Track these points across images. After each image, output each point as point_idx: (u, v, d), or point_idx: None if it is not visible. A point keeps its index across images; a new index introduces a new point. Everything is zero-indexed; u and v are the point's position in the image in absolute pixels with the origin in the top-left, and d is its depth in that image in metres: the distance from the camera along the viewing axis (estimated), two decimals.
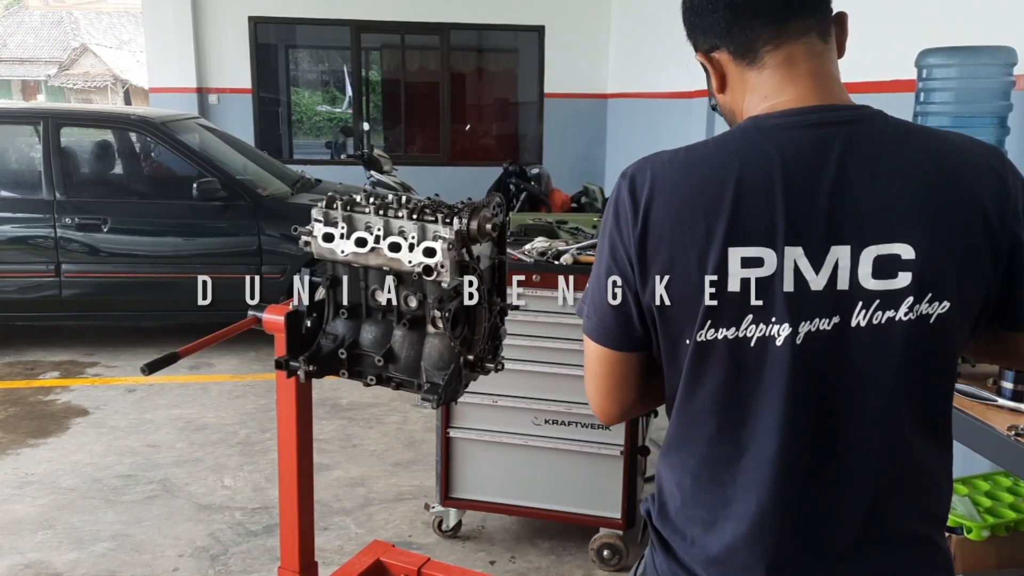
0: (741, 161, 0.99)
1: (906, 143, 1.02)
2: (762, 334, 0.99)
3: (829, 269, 0.97)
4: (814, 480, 1.02)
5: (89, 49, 23.77)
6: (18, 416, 4.23)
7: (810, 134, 1.00)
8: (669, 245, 1.00)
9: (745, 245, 0.97)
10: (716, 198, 0.98)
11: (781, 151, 0.99)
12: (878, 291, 0.97)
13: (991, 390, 1.83)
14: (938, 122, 2.73)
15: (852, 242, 0.97)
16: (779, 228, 0.97)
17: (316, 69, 12.07)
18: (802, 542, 1.03)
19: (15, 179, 5.36)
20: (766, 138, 1.00)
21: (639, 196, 1.01)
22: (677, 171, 1.02)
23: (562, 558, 2.92)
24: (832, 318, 0.98)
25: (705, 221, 0.98)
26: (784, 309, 0.98)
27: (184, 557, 2.93)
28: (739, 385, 1.01)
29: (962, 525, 2.23)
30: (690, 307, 1.00)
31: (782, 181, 0.97)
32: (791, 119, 1.01)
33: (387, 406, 4.33)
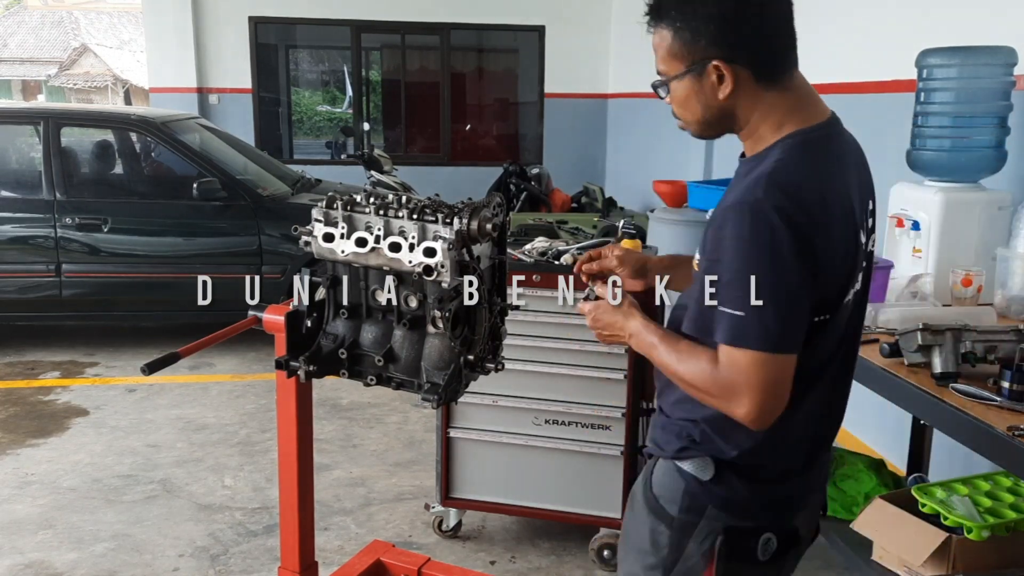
0: (836, 164, 1.28)
1: (853, 142, 1.38)
2: (855, 290, 1.32)
3: (867, 239, 1.33)
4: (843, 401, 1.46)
5: (89, 49, 23.78)
6: (18, 416, 4.23)
7: (840, 142, 1.32)
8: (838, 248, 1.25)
9: (861, 230, 1.30)
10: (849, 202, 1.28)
11: (839, 157, 1.30)
12: (870, 252, 1.36)
13: (991, 390, 1.83)
14: (938, 122, 2.73)
15: (868, 218, 1.33)
16: (858, 210, 1.29)
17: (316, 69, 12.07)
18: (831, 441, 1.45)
19: (15, 179, 5.37)
20: (832, 146, 1.30)
21: (811, 207, 1.21)
22: (823, 200, 1.23)
23: (562, 558, 2.92)
24: (862, 273, 1.33)
25: (849, 219, 1.27)
26: (859, 275, 1.32)
27: (184, 557, 2.94)
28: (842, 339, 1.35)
29: (962, 525, 2.22)
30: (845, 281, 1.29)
31: (847, 179, 1.29)
32: (829, 131, 1.31)
33: (387, 406, 4.33)
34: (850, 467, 2.88)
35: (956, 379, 1.89)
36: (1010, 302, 2.43)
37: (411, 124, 9.64)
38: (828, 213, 1.22)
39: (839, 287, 1.26)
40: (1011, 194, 2.69)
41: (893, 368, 2.04)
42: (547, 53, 8.89)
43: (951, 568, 2.22)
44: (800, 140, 1.26)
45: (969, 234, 2.62)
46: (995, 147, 2.70)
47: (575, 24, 8.74)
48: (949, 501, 2.33)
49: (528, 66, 9.20)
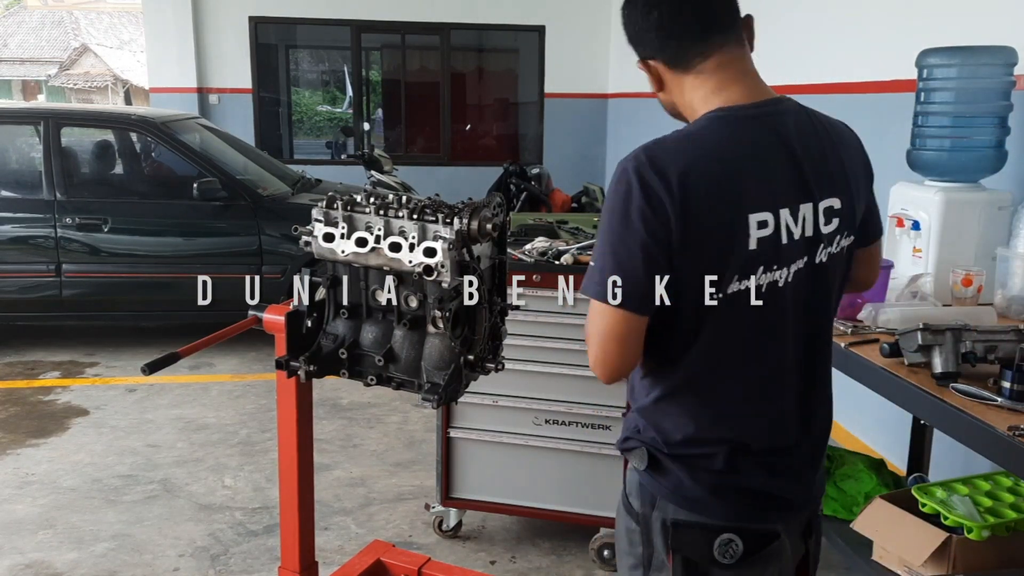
0: (737, 146, 1.26)
1: (817, 125, 1.35)
2: (770, 280, 1.27)
3: (801, 222, 1.28)
4: (812, 382, 1.37)
5: (89, 49, 23.77)
6: (18, 416, 4.23)
7: (767, 123, 1.28)
8: (705, 216, 1.21)
9: (758, 211, 1.24)
10: (735, 175, 1.24)
11: (753, 138, 1.27)
12: (826, 234, 1.31)
13: (991, 390, 1.83)
14: (938, 122, 2.73)
15: (813, 199, 1.29)
16: (775, 195, 1.26)
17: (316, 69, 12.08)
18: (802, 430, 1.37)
19: (16, 179, 5.37)
20: (742, 128, 1.27)
21: (670, 177, 1.20)
22: (696, 166, 1.23)
23: (562, 558, 2.92)
24: (804, 259, 1.29)
25: (730, 195, 1.23)
26: (781, 257, 1.27)
27: (184, 557, 2.94)
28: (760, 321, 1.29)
29: (962, 525, 2.22)
30: (720, 264, 1.23)
31: (763, 160, 1.27)
32: (750, 111, 1.28)
33: (387, 406, 4.33)
34: (850, 467, 2.88)
35: (956, 379, 1.89)
36: (1010, 302, 2.43)
37: (411, 124, 9.64)
38: (688, 188, 1.20)
39: (713, 265, 1.23)
40: (1011, 194, 2.69)
41: (893, 368, 2.04)
42: (547, 53, 8.89)
43: (951, 568, 2.22)
44: (713, 116, 1.28)
45: (969, 234, 2.62)
46: (995, 147, 2.70)
47: (575, 24, 8.74)
48: (949, 501, 2.33)
49: (528, 66, 9.20)
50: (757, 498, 1.34)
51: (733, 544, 1.31)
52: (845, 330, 2.33)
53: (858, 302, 2.40)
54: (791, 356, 1.33)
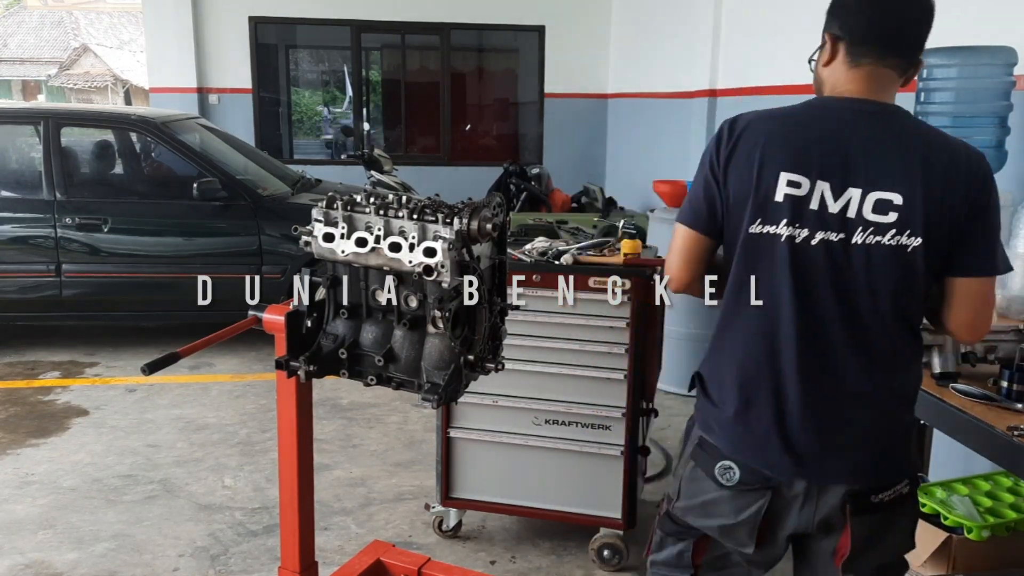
0: (805, 120, 1.55)
1: (912, 132, 1.52)
2: (790, 234, 1.49)
3: (843, 201, 1.47)
4: (831, 357, 1.51)
5: (89, 49, 23.78)
6: (18, 416, 4.23)
7: (851, 113, 1.52)
8: (744, 160, 1.52)
9: (793, 172, 1.48)
10: (783, 139, 1.52)
11: (823, 122, 1.53)
12: (872, 221, 1.47)
13: (991, 390, 1.83)
14: (938, 122, 2.73)
15: (862, 186, 1.47)
16: (818, 167, 1.48)
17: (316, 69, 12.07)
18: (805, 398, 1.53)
19: (15, 179, 5.36)
20: (828, 110, 1.55)
21: (737, 127, 1.55)
22: (764, 116, 1.56)
23: (562, 558, 2.92)
24: (839, 234, 1.48)
25: (771, 151, 1.50)
26: (806, 219, 1.49)
27: (184, 557, 2.94)
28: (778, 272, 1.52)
29: (962, 525, 2.23)
30: (747, 203, 1.51)
31: (820, 139, 1.50)
32: (842, 103, 1.54)
33: (387, 406, 4.33)
34: None
35: (956, 379, 1.89)
36: (1010, 302, 2.43)
37: (411, 124, 9.64)
38: (742, 136, 1.53)
39: (742, 203, 1.52)
40: (1011, 194, 2.69)
41: None
42: (547, 53, 8.89)
43: (951, 568, 2.23)
44: (812, 100, 1.62)
45: None
46: (995, 147, 2.70)
47: (575, 24, 8.75)
48: (949, 501, 2.33)
49: (528, 66, 9.20)
50: (761, 441, 1.56)
51: (731, 471, 1.58)
52: None
53: None
54: (805, 321, 1.50)
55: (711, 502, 1.61)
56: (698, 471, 1.63)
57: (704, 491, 1.62)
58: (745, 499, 1.57)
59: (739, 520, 1.58)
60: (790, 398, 1.52)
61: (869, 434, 1.54)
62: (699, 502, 1.63)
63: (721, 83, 5.70)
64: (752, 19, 5.27)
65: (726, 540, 1.63)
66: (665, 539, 1.75)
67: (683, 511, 1.68)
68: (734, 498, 1.58)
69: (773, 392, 1.53)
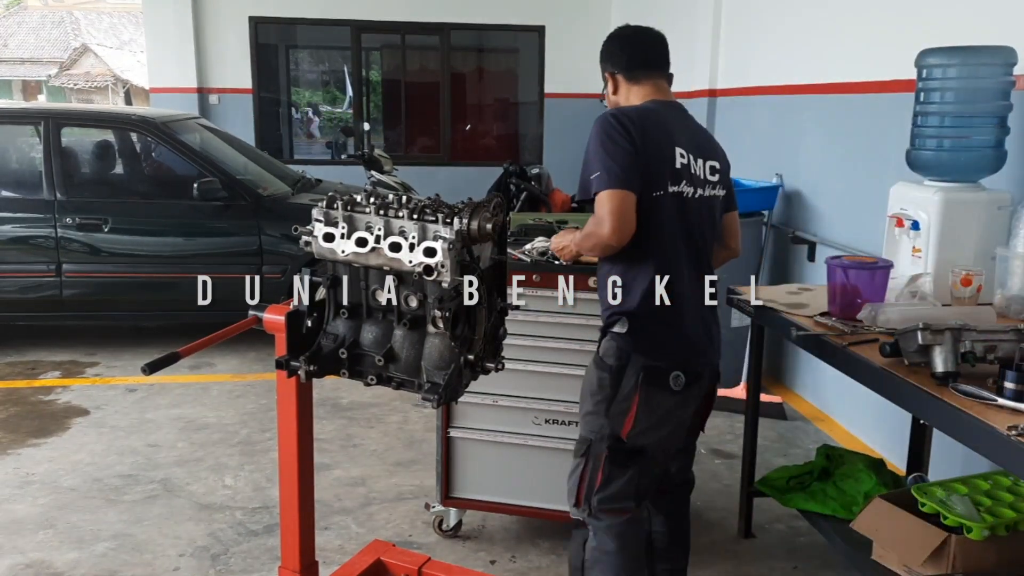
0: (669, 123, 2.12)
1: (693, 119, 2.23)
2: (682, 190, 2.08)
3: (700, 167, 2.12)
4: (699, 272, 2.13)
5: (90, 49, 23.77)
6: (19, 416, 4.23)
7: (669, 107, 2.17)
8: (651, 140, 2.03)
9: (679, 147, 2.08)
10: (664, 125, 2.10)
11: (668, 113, 2.16)
12: (711, 180, 2.16)
13: (991, 390, 1.83)
14: (938, 122, 2.73)
15: (702, 158, 2.14)
16: (684, 144, 2.10)
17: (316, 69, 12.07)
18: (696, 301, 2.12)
19: (16, 179, 5.36)
20: (662, 107, 2.16)
21: (633, 118, 2.04)
22: (642, 114, 2.08)
23: (562, 558, 2.92)
24: (703, 189, 2.13)
25: (663, 134, 2.07)
26: (693, 180, 2.10)
27: (185, 557, 2.94)
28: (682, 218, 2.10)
29: (962, 525, 2.23)
30: (661, 170, 2.04)
31: (676, 124, 2.14)
32: (660, 104, 2.17)
33: (387, 406, 4.33)
34: (850, 467, 2.88)
35: (956, 379, 1.89)
36: (1009, 302, 2.43)
37: (411, 124, 9.64)
38: (643, 122, 2.04)
39: (654, 169, 2.01)
40: (1011, 194, 2.69)
41: (893, 368, 2.04)
42: (547, 53, 8.89)
43: (950, 568, 2.23)
44: (649, 102, 2.18)
45: (968, 234, 2.63)
46: (995, 147, 2.70)
47: (575, 24, 8.74)
48: (949, 501, 2.33)
49: (528, 66, 9.20)
50: (692, 345, 2.12)
51: (679, 377, 2.06)
52: (845, 330, 2.33)
53: (858, 302, 2.40)
54: (694, 249, 2.11)
55: (668, 411, 2.09)
56: (651, 391, 2.04)
57: (661, 404, 2.07)
58: (691, 391, 2.11)
59: (688, 412, 2.16)
60: (695, 308, 2.10)
61: (712, 323, 2.18)
62: (656, 418, 2.07)
63: (721, 83, 5.70)
64: (752, 19, 5.27)
65: (674, 438, 2.17)
66: (613, 473, 2.09)
67: (639, 434, 2.06)
68: (683, 396, 2.08)
69: (693, 306, 2.09)
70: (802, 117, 4.53)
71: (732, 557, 2.97)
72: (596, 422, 2.11)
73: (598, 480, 2.10)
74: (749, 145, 5.25)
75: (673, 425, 2.14)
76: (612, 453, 2.09)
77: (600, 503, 2.11)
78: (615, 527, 2.13)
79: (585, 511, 2.14)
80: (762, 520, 3.17)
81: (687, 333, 2.10)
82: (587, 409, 2.15)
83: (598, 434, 2.11)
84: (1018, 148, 2.85)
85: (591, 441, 2.12)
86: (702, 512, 3.25)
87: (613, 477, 2.10)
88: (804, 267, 4.45)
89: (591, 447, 2.12)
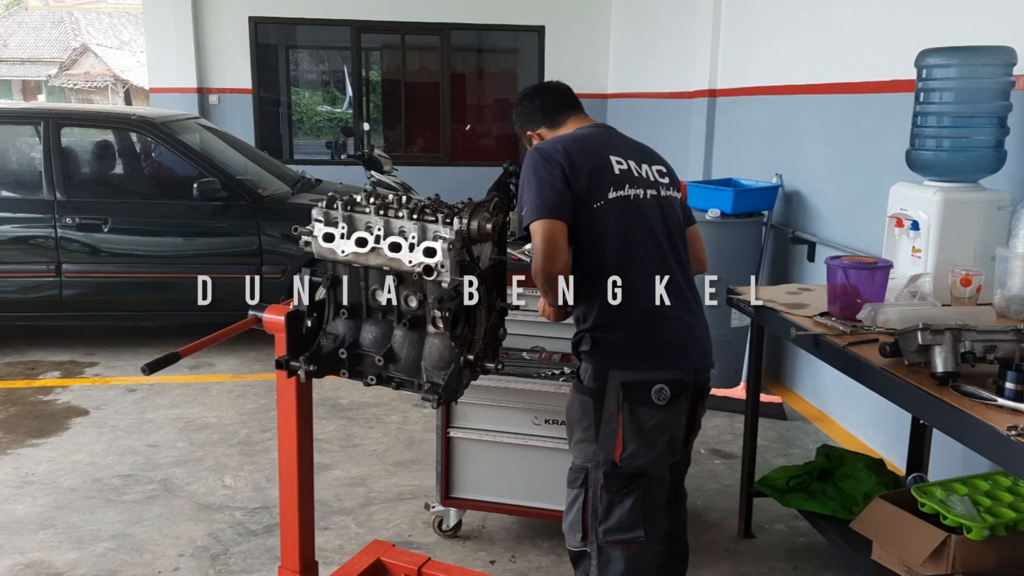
0: (596, 139, 2.16)
1: (626, 136, 2.25)
2: (635, 193, 2.07)
3: (644, 171, 2.13)
4: (679, 268, 2.09)
5: (90, 49, 23.77)
6: (18, 416, 4.23)
7: (600, 129, 2.26)
8: (582, 161, 2.04)
9: (615, 156, 2.10)
10: (590, 143, 2.13)
11: (594, 133, 2.20)
12: (662, 182, 2.15)
13: (991, 390, 1.83)
14: (938, 122, 2.73)
15: (646, 163, 2.15)
16: (620, 152, 2.12)
17: (316, 69, 12.07)
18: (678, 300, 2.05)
19: (16, 179, 5.36)
20: (586, 131, 2.20)
21: (558, 148, 2.06)
22: (564, 140, 2.12)
23: (562, 558, 2.92)
24: (653, 190, 2.11)
25: (591, 151, 2.09)
26: (637, 182, 2.09)
27: (185, 557, 2.94)
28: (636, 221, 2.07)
29: (962, 525, 2.23)
30: (600, 182, 2.05)
31: (604, 140, 2.17)
32: (591, 128, 2.24)
33: (387, 406, 4.33)
34: (850, 467, 2.88)
35: (956, 379, 1.89)
36: (1009, 302, 2.43)
37: (411, 124, 9.64)
38: (565, 146, 2.06)
39: (590, 183, 2.02)
40: (1010, 194, 2.69)
41: (893, 368, 2.04)
42: (547, 53, 8.89)
43: (950, 568, 2.23)
44: (581, 132, 2.20)
45: (968, 234, 2.63)
46: (994, 147, 2.70)
47: (575, 24, 8.74)
48: (949, 501, 2.33)
49: (528, 66, 9.20)
50: (670, 348, 2.04)
51: (663, 391, 1.97)
52: (844, 330, 2.33)
53: (858, 302, 2.40)
54: (654, 248, 2.06)
55: (656, 426, 1.99)
56: (635, 409, 1.97)
57: (646, 421, 1.98)
58: (678, 403, 2.02)
59: (679, 423, 2.06)
60: (669, 309, 2.01)
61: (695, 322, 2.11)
62: (644, 435, 1.98)
63: (721, 83, 5.70)
64: (752, 19, 5.27)
65: (670, 452, 2.06)
66: (613, 500, 2.01)
67: (631, 456, 1.99)
68: (671, 409, 2.00)
69: (666, 308, 2.00)
70: (802, 117, 4.53)
71: (732, 557, 2.97)
72: (588, 449, 2.04)
73: (600, 510, 2.02)
74: (749, 145, 5.25)
75: (665, 439, 2.03)
76: (609, 479, 2.01)
77: (606, 534, 2.02)
78: (623, 559, 2.03)
79: (592, 543, 2.05)
80: (762, 520, 3.17)
81: (662, 337, 2.03)
82: (577, 437, 2.07)
83: (592, 461, 2.03)
84: (1018, 148, 2.85)
85: (587, 469, 2.04)
86: (702, 512, 3.25)
87: (615, 505, 2.01)
88: (804, 267, 4.45)
89: (588, 476, 2.04)
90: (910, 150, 2.83)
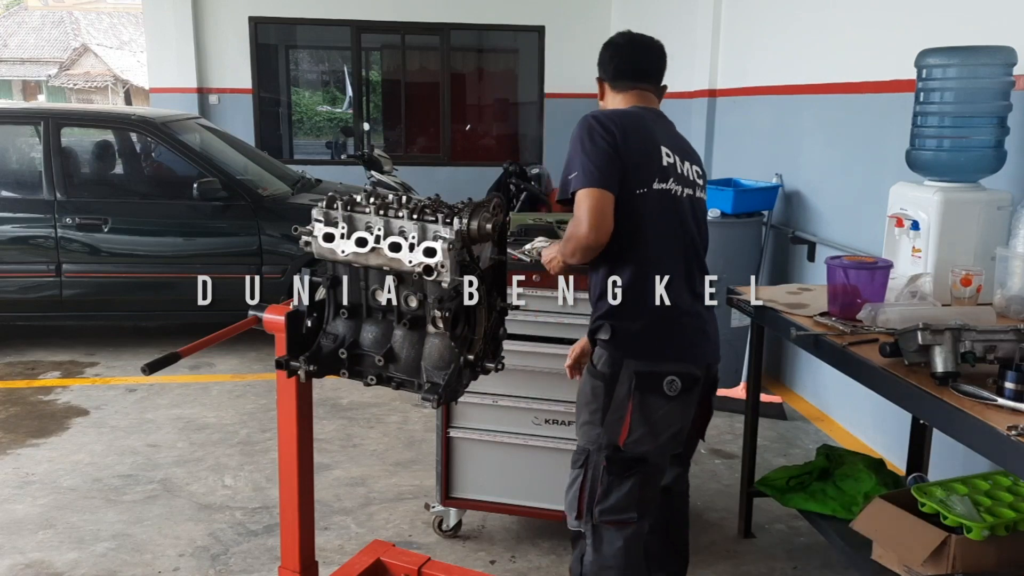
0: (653, 126, 2.14)
1: (674, 127, 2.22)
2: (671, 188, 2.08)
3: (686, 168, 2.14)
4: (694, 269, 2.12)
5: (90, 49, 23.77)
6: (19, 416, 4.23)
7: (652, 113, 2.20)
8: (633, 141, 2.04)
9: (664, 147, 2.10)
10: (646, 126, 2.11)
11: (647, 120, 2.15)
12: (696, 182, 2.17)
13: (991, 390, 1.83)
14: (938, 122, 2.73)
15: (688, 161, 2.16)
16: (668, 145, 2.12)
17: (316, 69, 12.06)
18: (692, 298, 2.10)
19: (16, 179, 5.36)
20: (644, 112, 2.18)
21: (614, 121, 2.05)
22: (623, 116, 2.10)
23: (562, 558, 2.92)
24: (691, 189, 2.14)
25: (646, 135, 2.09)
26: (679, 178, 2.11)
27: (185, 557, 2.94)
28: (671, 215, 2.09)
29: (962, 525, 2.23)
30: (647, 168, 2.05)
31: (659, 127, 2.15)
32: (642, 110, 2.18)
33: (387, 406, 4.33)
34: (850, 467, 2.88)
35: (956, 379, 1.89)
36: (1009, 302, 2.43)
37: (411, 124, 9.64)
38: (623, 122, 2.04)
39: (638, 167, 2.01)
40: (1010, 194, 2.69)
41: (893, 368, 2.04)
42: (547, 53, 8.89)
43: (950, 568, 2.23)
44: (631, 106, 2.20)
45: (968, 234, 2.63)
46: (994, 147, 2.70)
47: (575, 24, 8.74)
48: (949, 501, 2.33)
49: (528, 66, 9.20)
50: (686, 345, 2.08)
51: (675, 382, 2.01)
52: (845, 330, 2.33)
53: (858, 302, 2.40)
54: (682, 246, 2.09)
55: (664, 416, 2.03)
56: (646, 397, 2.00)
57: (655, 410, 2.02)
58: (689, 396, 2.06)
59: (687, 417, 2.11)
60: (688, 307, 2.06)
61: (709, 322, 2.15)
62: (652, 424, 2.02)
63: (721, 83, 5.71)
64: (752, 19, 5.27)
65: (674, 444, 2.11)
66: (612, 483, 2.06)
67: (636, 442, 2.03)
68: (680, 402, 2.04)
69: (685, 306, 2.05)
70: (802, 117, 4.53)
71: (732, 557, 2.97)
72: (592, 432, 2.08)
73: (599, 491, 2.07)
74: (749, 145, 5.25)
75: (672, 431, 2.07)
76: (611, 463, 2.05)
77: (602, 514, 2.08)
78: (617, 539, 2.09)
79: (587, 523, 2.11)
80: (762, 520, 3.17)
81: (679, 333, 2.07)
82: (583, 419, 2.12)
83: (595, 444, 2.08)
84: (1018, 148, 2.85)
85: (589, 451, 2.09)
86: (702, 512, 3.25)
87: (613, 487, 2.06)
88: (804, 267, 4.45)
89: (589, 457, 2.09)
90: (910, 150, 2.83)
